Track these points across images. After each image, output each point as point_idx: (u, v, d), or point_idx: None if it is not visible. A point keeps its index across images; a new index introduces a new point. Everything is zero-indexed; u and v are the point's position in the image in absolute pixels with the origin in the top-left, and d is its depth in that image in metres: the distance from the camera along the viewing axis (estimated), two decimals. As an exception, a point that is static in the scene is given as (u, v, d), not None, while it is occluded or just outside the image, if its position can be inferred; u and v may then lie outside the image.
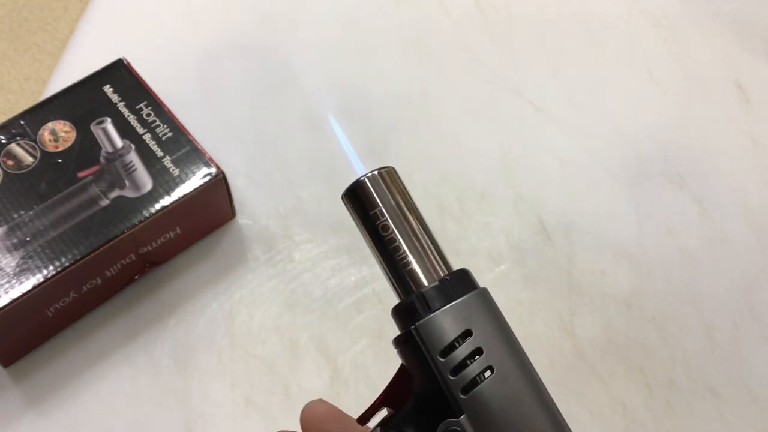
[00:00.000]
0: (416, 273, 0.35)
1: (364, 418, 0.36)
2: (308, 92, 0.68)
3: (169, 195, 0.54)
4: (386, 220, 0.36)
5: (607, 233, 0.61)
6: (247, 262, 0.59)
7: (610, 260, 0.60)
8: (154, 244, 0.55)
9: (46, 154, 0.55)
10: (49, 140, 0.56)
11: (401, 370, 0.35)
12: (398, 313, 0.35)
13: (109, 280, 0.55)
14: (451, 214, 0.62)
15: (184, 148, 0.56)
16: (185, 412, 0.53)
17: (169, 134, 0.56)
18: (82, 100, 0.58)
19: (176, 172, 0.55)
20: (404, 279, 0.35)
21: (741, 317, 0.58)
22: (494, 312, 0.35)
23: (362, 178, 0.37)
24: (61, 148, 0.56)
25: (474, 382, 0.32)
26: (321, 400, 0.40)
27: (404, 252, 0.35)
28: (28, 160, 0.55)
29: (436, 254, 0.36)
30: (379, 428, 0.34)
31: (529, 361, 0.34)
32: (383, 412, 0.36)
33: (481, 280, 0.61)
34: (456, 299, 0.34)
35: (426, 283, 0.35)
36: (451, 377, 0.32)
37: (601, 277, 0.59)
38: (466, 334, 0.33)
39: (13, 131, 0.56)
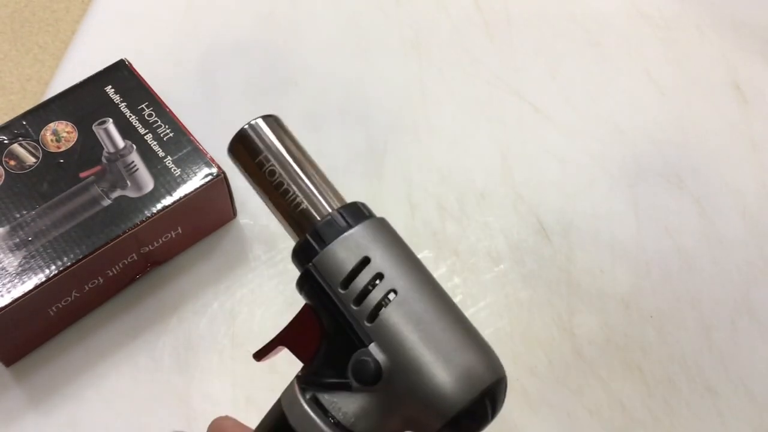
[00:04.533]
0: (308, 211, 0.35)
1: (259, 354, 0.36)
2: (308, 92, 0.68)
3: (171, 195, 0.54)
4: (272, 164, 0.35)
5: (606, 233, 0.62)
6: (248, 262, 0.59)
7: (609, 260, 0.60)
8: (155, 244, 0.56)
9: (48, 155, 0.56)
10: (51, 140, 0.56)
11: (303, 310, 0.35)
12: (296, 254, 0.35)
13: (110, 280, 0.55)
14: (451, 213, 0.62)
15: (186, 148, 0.56)
16: (186, 411, 0.54)
17: (171, 134, 0.57)
18: (84, 101, 0.58)
19: (177, 172, 0.55)
20: (298, 220, 0.35)
21: (739, 316, 0.58)
22: (392, 237, 0.34)
23: (244, 127, 0.36)
24: (63, 149, 0.56)
25: (378, 308, 0.32)
26: (227, 417, 0.40)
27: (294, 193, 0.35)
28: (30, 160, 0.55)
29: (326, 191, 0.35)
30: (296, 379, 0.34)
31: (435, 280, 0.34)
32: (283, 353, 0.36)
33: (481, 279, 0.61)
34: (350, 229, 0.33)
35: (318, 219, 0.34)
36: (354, 307, 0.32)
37: (600, 276, 0.60)
38: (365, 261, 0.33)
39: (15, 131, 0.56)
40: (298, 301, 0.58)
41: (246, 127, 0.36)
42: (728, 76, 0.70)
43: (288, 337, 0.35)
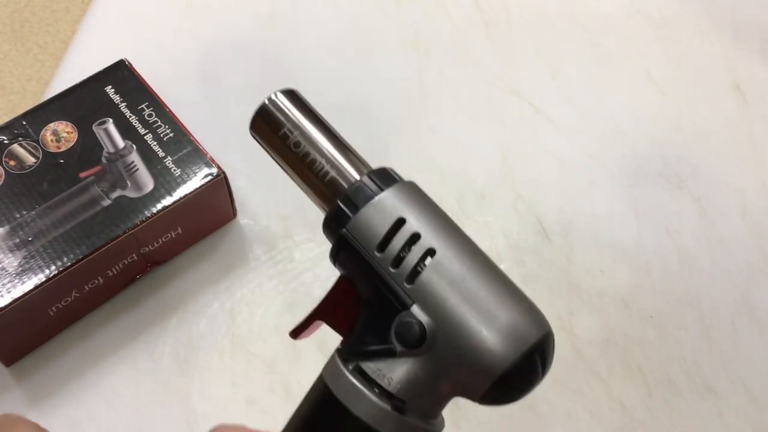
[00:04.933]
0: (337, 180, 0.34)
1: (296, 332, 0.36)
2: (308, 92, 0.68)
3: (171, 195, 0.54)
4: (296, 136, 0.35)
5: (606, 233, 0.62)
6: (248, 262, 0.59)
7: (609, 260, 0.60)
8: (155, 244, 0.56)
9: (48, 155, 0.56)
10: (51, 141, 0.56)
11: (339, 282, 0.34)
12: (328, 223, 0.34)
13: (110, 280, 0.55)
14: (451, 214, 0.61)
15: (186, 148, 0.56)
16: (186, 411, 0.54)
17: (171, 134, 0.57)
18: (84, 101, 0.58)
19: (177, 172, 0.55)
20: (327, 190, 0.34)
21: (739, 316, 0.58)
22: (425, 198, 0.34)
23: (264, 102, 0.36)
24: (62, 149, 0.56)
25: (417, 268, 0.31)
26: (223, 425, 0.39)
27: (321, 163, 0.35)
28: (30, 160, 0.55)
29: (352, 159, 0.35)
30: (336, 352, 0.34)
31: (471, 239, 0.33)
32: (322, 329, 0.35)
33: (481, 279, 0.61)
34: (381, 192, 0.33)
35: (348, 186, 0.34)
36: (393, 270, 0.32)
37: (600, 276, 0.60)
38: (399, 222, 0.32)
39: (15, 132, 0.57)
40: (298, 301, 0.58)
41: (266, 102, 0.36)
42: (728, 76, 0.70)
43: (325, 311, 0.35)
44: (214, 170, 0.55)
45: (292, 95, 0.37)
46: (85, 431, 0.53)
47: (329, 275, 0.58)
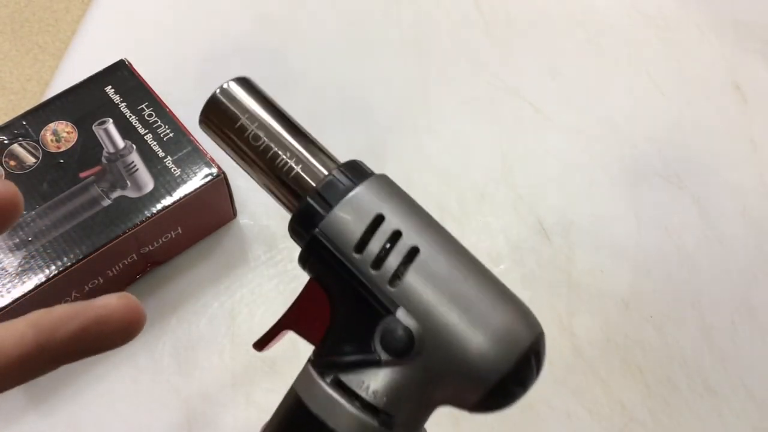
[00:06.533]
0: (303, 176, 0.31)
1: (261, 344, 0.33)
2: (308, 92, 0.68)
3: (171, 195, 0.54)
4: (254, 129, 0.32)
5: (606, 233, 0.62)
6: (248, 262, 0.59)
7: (609, 260, 0.60)
8: (155, 244, 0.56)
9: (48, 155, 0.56)
10: (51, 141, 0.56)
11: (309, 286, 0.31)
12: (296, 222, 0.31)
13: (110, 280, 0.55)
14: (451, 214, 0.62)
15: (186, 148, 0.56)
16: (186, 411, 0.54)
17: (171, 134, 0.57)
18: (84, 101, 0.58)
19: (177, 172, 0.55)
20: (292, 187, 0.32)
21: (739, 316, 0.58)
22: (401, 192, 0.32)
23: (216, 93, 0.33)
24: (62, 149, 0.56)
25: (401, 269, 0.29)
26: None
27: (283, 158, 0.32)
28: (30, 160, 0.55)
29: (318, 151, 0.32)
30: (309, 363, 0.31)
31: (453, 236, 0.31)
32: (289, 339, 0.32)
33: (481, 279, 0.61)
34: (356, 188, 0.30)
35: (316, 182, 0.31)
36: (373, 272, 0.29)
37: (600, 276, 0.60)
38: (378, 219, 0.30)
39: (15, 132, 0.57)
40: (298, 301, 0.58)
41: (217, 92, 0.33)
42: (728, 76, 0.70)
43: (294, 319, 0.32)
44: (214, 170, 0.55)
45: (246, 83, 0.33)
46: (85, 431, 0.53)
47: (329, 275, 0.59)
